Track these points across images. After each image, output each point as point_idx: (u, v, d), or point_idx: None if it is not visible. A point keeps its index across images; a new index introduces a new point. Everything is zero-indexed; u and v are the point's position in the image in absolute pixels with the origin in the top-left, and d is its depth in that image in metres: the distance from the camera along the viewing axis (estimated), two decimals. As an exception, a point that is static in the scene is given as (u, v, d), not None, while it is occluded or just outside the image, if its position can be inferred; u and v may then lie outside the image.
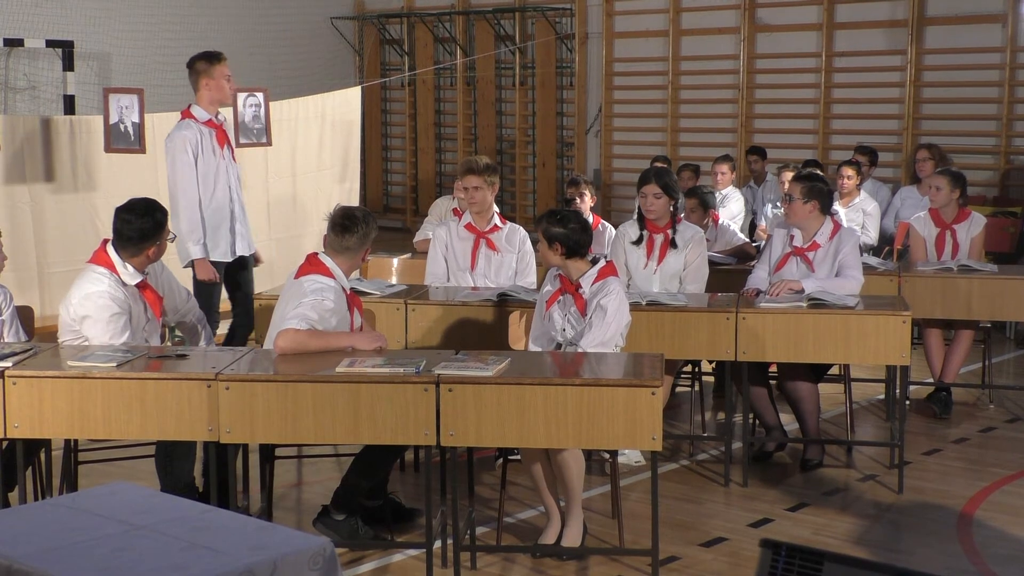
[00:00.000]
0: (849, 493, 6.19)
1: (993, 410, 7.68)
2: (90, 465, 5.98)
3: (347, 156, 10.21)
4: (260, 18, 14.71)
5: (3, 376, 4.86)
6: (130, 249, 5.43)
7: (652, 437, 4.69)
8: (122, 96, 8.02)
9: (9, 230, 8.27)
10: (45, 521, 3.52)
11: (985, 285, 7.18)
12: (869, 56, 12.46)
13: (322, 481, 6.25)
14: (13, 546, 3.25)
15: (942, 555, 5.30)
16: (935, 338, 7.59)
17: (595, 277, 5.48)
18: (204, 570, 3.12)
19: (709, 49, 13.56)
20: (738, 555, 5.31)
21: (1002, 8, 11.54)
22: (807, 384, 6.48)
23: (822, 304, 6.09)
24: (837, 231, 6.57)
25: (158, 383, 4.85)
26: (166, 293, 5.72)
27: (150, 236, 5.44)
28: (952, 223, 7.67)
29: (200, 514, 3.61)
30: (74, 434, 5.22)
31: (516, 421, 4.71)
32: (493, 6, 14.98)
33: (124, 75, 13.08)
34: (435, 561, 4.90)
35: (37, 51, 13.11)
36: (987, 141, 11.92)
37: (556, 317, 5.55)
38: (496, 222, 6.80)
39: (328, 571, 3.32)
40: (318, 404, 4.77)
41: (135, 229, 5.42)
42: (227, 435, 4.83)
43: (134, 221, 5.42)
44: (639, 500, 5.85)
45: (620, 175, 14.19)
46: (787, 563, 4.13)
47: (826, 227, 6.54)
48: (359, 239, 5.38)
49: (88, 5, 13.43)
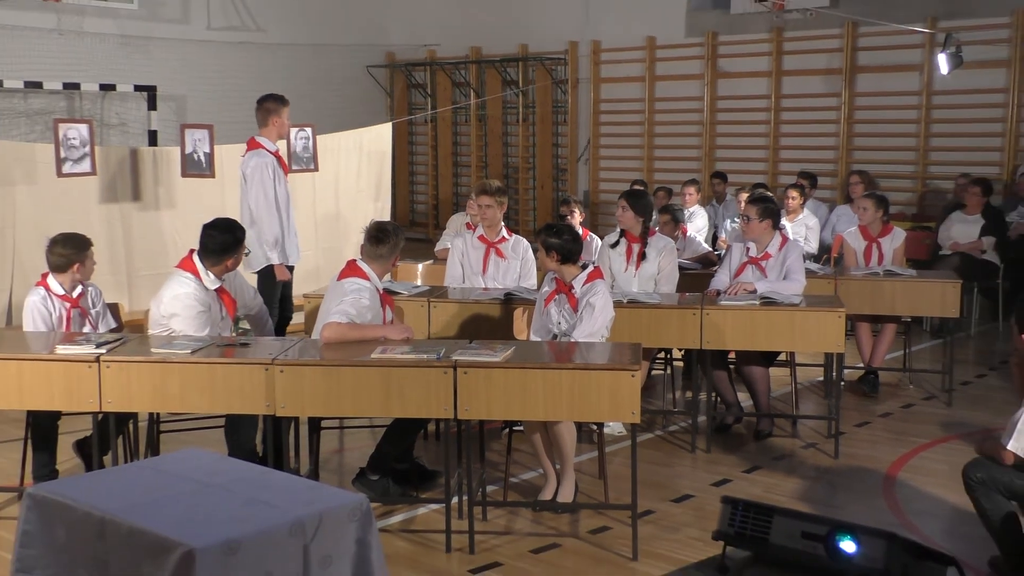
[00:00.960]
0: (794, 458, 6.17)
1: (912, 390, 7.65)
2: (170, 434, 5.97)
3: (380, 180, 10.20)
4: (309, 67, 14.69)
5: (99, 361, 4.87)
6: (212, 259, 5.43)
7: (632, 412, 4.67)
8: (196, 131, 8.03)
9: (104, 240, 8.29)
10: (132, 480, 3.53)
11: (906, 287, 7.16)
12: (810, 98, 12.43)
13: (359, 448, 6.23)
14: (107, 501, 3.25)
15: (870, 510, 5.28)
16: (864, 330, 7.57)
17: (585, 279, 5.47)
18: (263, 521, 3.12)
19: (679, 92, 13.52)
20: (703, 509, 5.30)
21: (920, 59, 11.51)
22: (760, 368, 6.46)
23: (772, 302, 6.08)
24: (785, 243, 6.57)
25: (225, 367, 4.85)
26: (238, 294, 5.71)
27: (230, 249, 5.45)
28: (878, 237, 7.66)
29: (259, 475, 3.61)
30: (156, 408, 5.23)
31: (519, 398, 4.70)
32: (501, 56, 14.95)
33: (197, 113, 13.07)
34: (452, 514, 4.88)
35: (127, 94, 13.12)
36: (907, 168, 11.89)
37: (552, 313, 5.53)
38: (504, 234, 6.79)
39: (364, 523, 3.32)
40: (357, 384, 4.76)
41: (218, 243, 5.42)
42: (282, 409, 4.82)
43: (217, 236, 5.43)
44: (621, 464, 5.83)
45: (605, 195, 14.16)
46: (743, 515, 4.13)
47: (776, 239, 6.53)
48: (390, 248, 5.37)
49: (169, 56, 13.44)
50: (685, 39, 13.36)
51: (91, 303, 5.73)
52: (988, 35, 10.90)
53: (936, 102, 11.52)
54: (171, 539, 2.96)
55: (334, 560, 3.21)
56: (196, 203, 8.31)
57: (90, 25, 12.60)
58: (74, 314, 5.60)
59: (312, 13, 14.96)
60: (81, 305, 5.63)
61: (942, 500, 5.42)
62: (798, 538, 3.94)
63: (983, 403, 7.36)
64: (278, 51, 14.48)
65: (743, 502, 4.16)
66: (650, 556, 4.75)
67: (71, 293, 5.61)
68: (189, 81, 13.61)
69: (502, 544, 4.89)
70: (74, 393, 4.89)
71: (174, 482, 3.44)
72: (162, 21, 13.53)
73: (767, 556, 4.06)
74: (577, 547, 4.86)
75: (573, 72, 14.43)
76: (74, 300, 5.60)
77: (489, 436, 6.23)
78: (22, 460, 5.63)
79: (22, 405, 5.13)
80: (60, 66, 12.36)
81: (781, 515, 4.06)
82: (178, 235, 8.48)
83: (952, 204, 10.18)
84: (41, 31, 12.25)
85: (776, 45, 12.54)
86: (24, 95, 12.37)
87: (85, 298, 5.68)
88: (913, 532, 4.92)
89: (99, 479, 3.66)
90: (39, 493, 3.38)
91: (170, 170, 8.58)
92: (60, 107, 12.67)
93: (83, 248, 5.62)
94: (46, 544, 3.34)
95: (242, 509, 3.21)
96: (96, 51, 12.76)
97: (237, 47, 14.15)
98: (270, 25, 14.54)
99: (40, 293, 5.55)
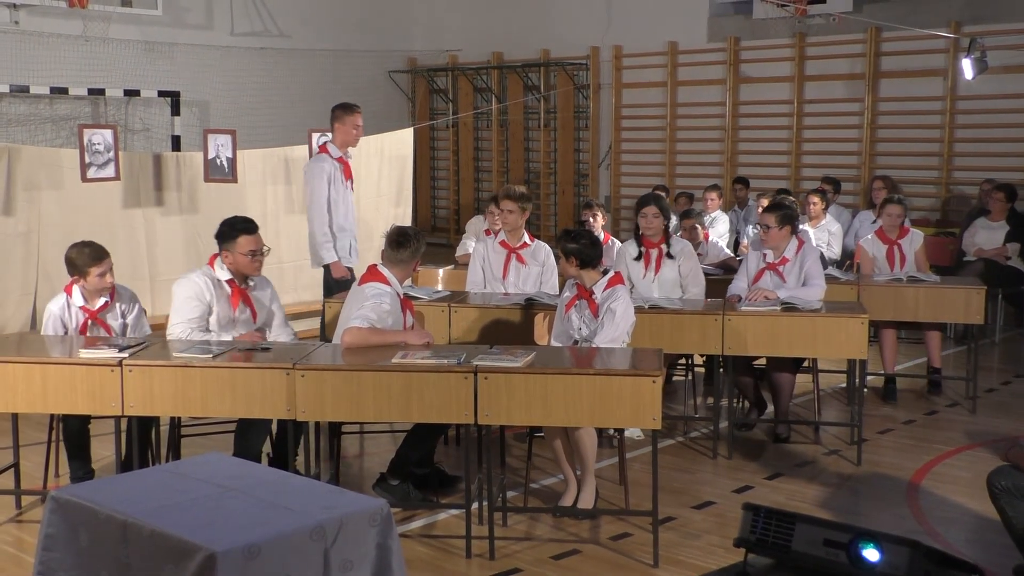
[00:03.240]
0: (816, 465, 6.13)
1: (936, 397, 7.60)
2: (191, 438, 6.00)
3: (401, 184, 10.21)
4: (332, 72, 14.75)
5: (121, 365, 4.89)
6: (221, 246, 5.48)
7: (652, 418, 4.66)
8: (219, 136, 8.09)
9: (127, 244, 8.34)
10: (154, 484, 3.54)
11: (930, 293, 7.11)
12: (833, 103, 12.37)
13: (380, 453, 6.24)
14: (128, 504, 3.26)
15: (894, 517, 5.24)
16: (889, 337, 7.53)
17: (605, 285, 5.44)
18: (283, 525, 3.12)
19: (701, 97, 13.49)
20: (724, 516, 5.27)
21: (944, 64, 11.44)
22: (788, 376, 6.46)
23: (794, 308, 6.05)
24: (802, 246, 6.54)
25: (246, 371, 4.86)
26: (263, 309, 5.65)
27: (223, 237, 5.47)
28: (897, 239, 7.62)
29: (280, 479, 3.61)
30: (178, 412, 5.24)
31: (540, 404, 4.69)
32: (522, 62, 14.96)
33: (220, 119, 13.14)
34: (473, 520, 4.89)
35: (151, 100, 13.20)
36: (930, 174, 11.81)
37: (574, 318, 5.52)
38: (525, 239, 6.78)
39: (385, 528, 3.32)
40: (377, 389, 4.76)
41: (218, 232, 5.50)
42: (302, 414, 4.83)
43: (220, 226, 5.53)
44: (641, 470, 5.81)
45: (627, 200, 14.12)
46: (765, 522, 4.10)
47: (793, 243, 6.52)
48: (411, 253, 5.37)
49: (192, 62, 13.52)
50: (707, 44, 13.33)
51: (120, 314, 5.64)
52: (1013, 40, 10.83)
53: (960, 107, 11.44)
54: (193, 543, 2.97)
55: (354, 565, 3.21)
56: (219, 208, 8.34)
57: (115, 31, 12.69)
58: (92, 326, 5.53)
59: (334, 19, 15.01)
60: (101, 318, 5.56)
61: (966, 508, 5.37)
62: (820, 545, 3.91)
63: (1007, 410, 7.30)
64: (301, 56, 14.54)
65: (765, 509, 4.13)
66: (671, 563, 4.73)
67: (92, 304, 5.55)
68: (212, 86, 13.68)
69: (522, 550, 4.88)
70: (97, 397, 4.91)
71: (196, 486, 3.45)
72: (186, 27, 13.62)
73: (789, 563, 4.03)
74: (597, 553, 4.85)
75: (595, 77, 14.42)
76: (93, 312, 5.53)
77: (516, 440, 6.23)
78: (45, 463, 5.67)
79: (46, 409, 5.17)
80: (85, 72, 12.46)
81: (803, 522, 4.03)
82: (201, 240, 8.52)
83: (976, 210, 10.12)
84: (67, 37, 12.36)
85: (799, 50, 12.49)
86: (50, 101, 12.47)
87: (113, 310, 5.60)
88: (936, 540, 4.88)
89: (121, 483, 3.67)
90: (62, 496, 3.40)
91: (193, 175, 8.62)
92: (85, 113, 12.77)
93: (88, 262, 5.42)
94: (69, 547, 3.36)
95: (263, 513, 3.21)
96: (121, 57, 12.84)
97: (260, 52, 14.21)
98: (293, 31, 14.60)
99: (60, 302, 5.52)
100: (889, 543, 3.82)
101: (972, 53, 10.02)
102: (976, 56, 10.01)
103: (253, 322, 5.58)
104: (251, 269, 5.50)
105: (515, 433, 6.36)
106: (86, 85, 12.51)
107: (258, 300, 5.61)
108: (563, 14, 14.61)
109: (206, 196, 8.65)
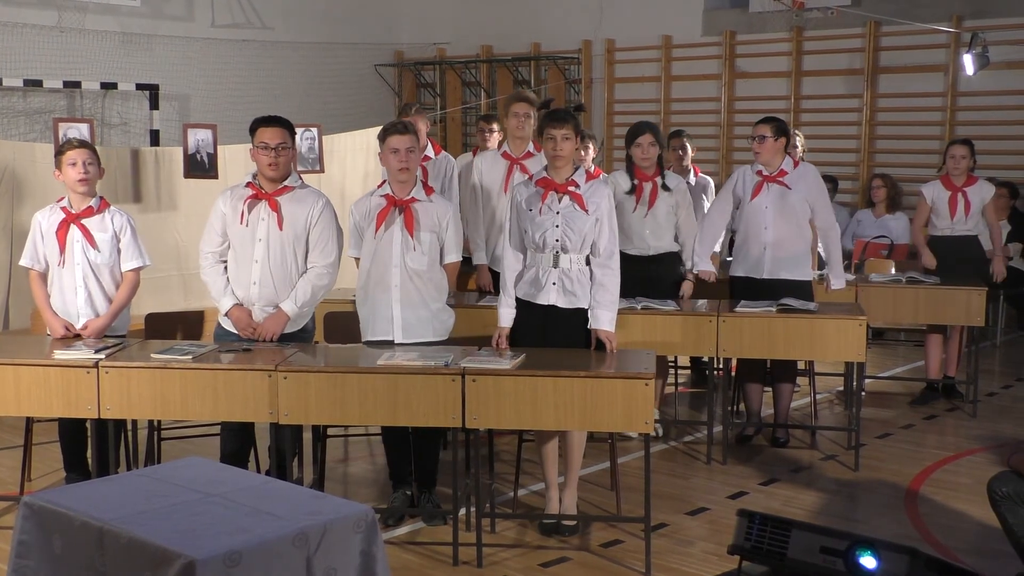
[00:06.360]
0: (813, 470, 6.15)
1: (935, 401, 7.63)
2: (170, 442, 5.99)
3: (388, 181, 10.19)
4: (316, 65, 14.72)
5: (97, 366, 4.88)
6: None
7: (645, 422, 4.66)
8: (199, 131, 8.04)
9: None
10: (131, 489, 3.52)
11: (929, 294, 7.13)
12: (831, 99, 12.40)
13: (365, 457, 6.24)
14: (105, 510, 3.25)
15: (892, 524, 5.26)
16: (935, 342, 7.49)
17: (586, 177, 5.09)
18: (265, 532, 3.12)
19: (696, 92, 13.51)
20: (718, 523, 5.28)
21: (944, 60, 11.48)
22: (789, 385, 6.51)
23: (790, 309, 6.06)
24: (797, 163, 6.45)
25: (227, 373, 4.85)
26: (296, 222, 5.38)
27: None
28: (963, 187, 7.52)
29: (262, 484, 3.61)
30: (156, 415, 5.22)
31: (530, 407, 4.69)
32: (512, 55, 14.96)
33: (201, 113, 13.11)
34: (460, 526, 4.89)
35: (128, 93, 13.15)
36: (930, 172, 11.84)
37: (544, 222, 5.02)
38: (530, 148, 6.57)
39: (369, 534, 3.32)
40: (362, 391, 4.76)
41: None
42: (285, 417, 4.82)
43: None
44: (634, 475, 5.82)
45: (619, 199, 14.15)
46: (760, 529, 4.11)
47: (788, 161, 6.40)
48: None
49: (171, 54, 13.48)
50: (702, 38, 13.34)
51: (113, 229, 5.43)
52: (1016, 35, 10.87)
53: (961, 104, 11.48)
54: (171, 550, 2.96)
55: (338, 572, 3.21)
56: (199, 205, 8.31)
57: (91, 22, 12.65)
58: (74, 232, 5.35)
59: (319, 11, 14.98)
60: (85, 225, 5.36)
61: (966, 514, 5.40)
62: (817, 553, 3.92)
63: (1009, 414, 7.33)
64: (284, 49, 14.51)
65: (760, 515, 4.14)
66: (663, 571, 4.74)
67: (76, 208, 5.37)
68: (192, 80, 13.64)
69: (511, 557, 4.88)
70: (72, 399, 4.89)
71: (174, 491, 3.44)
72: (165, 18, 13.57)
73: (785, 571, 4.04)
74: (588, 561, 4.85)
75: (587, 72, 14.43)
76: (72, 214, 5.35)
77: (499, 445, 6.23)
78: (21, 468, 5.65)
79: (19, 411, 5.15)
80: (60, 64, 12.40)
81: (799, 529, 4.05)
82: (180, 237, 8.50)
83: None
84: (41, 28, 12.30)
85: (796, 45, 12.52)
86: (24, 93, 12.41)
87: (102, 220, 5.41)
88: (936, 547, 4.90)
89: (97, 488, 3.66)
90: (36, 502, 3.38)
91: (172, 171, 8.59)
92: (60, 106, 12.71)
93: (65, 148, 5.36)
94: (43, 555, 3.34)
95: (244, 519, 3.20)
96: (97, 49, 12.80)
97: (242, 45, 14.18)
98: (276, 23, 14.57)
99: (47, 208, 5.43)
100: (887, 551, 3.84)
101: (973, 48, 10.06)
102: (978, 51, 10.06)
103: (279, 229, 5.29)
104: (262, 164, 5.38)
105: (505, 437, 6.35)
106: (61, 77, 12.45)
107: (292, 212, 5.31)
108: (554, 7, 14.62)
109: (186, 193, 8.62)
